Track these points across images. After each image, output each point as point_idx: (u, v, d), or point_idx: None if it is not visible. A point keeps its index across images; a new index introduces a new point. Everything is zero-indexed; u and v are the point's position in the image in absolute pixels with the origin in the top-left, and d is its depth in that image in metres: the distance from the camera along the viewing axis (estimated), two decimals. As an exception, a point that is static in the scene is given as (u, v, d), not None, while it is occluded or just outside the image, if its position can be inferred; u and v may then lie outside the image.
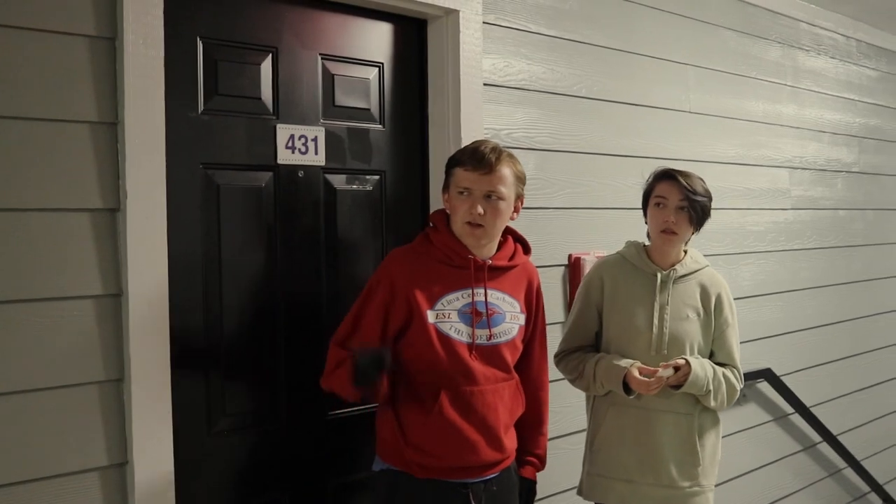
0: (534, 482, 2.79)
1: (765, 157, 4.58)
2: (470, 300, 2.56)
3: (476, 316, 2.55)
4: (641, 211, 3.01)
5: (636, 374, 2.80)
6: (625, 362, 2.85)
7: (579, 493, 3.07)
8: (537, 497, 2.87)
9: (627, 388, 2.84)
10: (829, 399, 5.08)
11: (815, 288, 4.98)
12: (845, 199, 5.26)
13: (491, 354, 2.57)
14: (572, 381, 3.05)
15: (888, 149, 5.69)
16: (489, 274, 2.59)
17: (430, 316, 2.50)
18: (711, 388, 2.87)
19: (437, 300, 2.52)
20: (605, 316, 3.02)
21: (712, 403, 2.92)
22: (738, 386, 2.98)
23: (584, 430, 3.12)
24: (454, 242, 2.58)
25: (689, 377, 2.81)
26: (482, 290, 2.57)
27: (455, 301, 2.55)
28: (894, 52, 5.79)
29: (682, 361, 2.82)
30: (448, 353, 2.50)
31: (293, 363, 2.80)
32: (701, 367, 2.85)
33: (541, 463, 2.80)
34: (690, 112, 4.09)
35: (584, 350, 3.05)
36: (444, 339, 2.51)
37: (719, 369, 2.93)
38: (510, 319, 2.63)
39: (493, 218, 2.54)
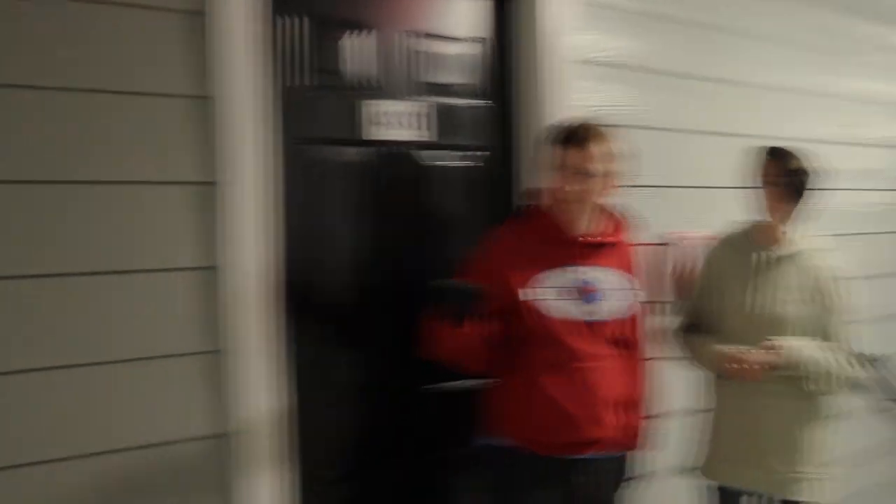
0: (627, 459, 2.75)
1: (869, 136, 4.44)
2: (570, 276, 2.54)
3: (579, 292, 2.54)
4: (741, 190, 2.96)
5: (729, 364, 2.76)
6: (723, 348, 2.81)
7: (692, 471, 3.05)
8: (646, 475, 2.84)
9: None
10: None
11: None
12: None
13: (595, 330, 2.56)
14: (688, 361, 3.03)
15: None
16: (589, 250, 2.57)
17: (530, 294, 2.50)
18: (820, 369, 2.79)
19: (538, 278, 2.51)
20: (714, 294, 2.98)
21: (819, 387, 2.84)
22: (850, 369, 2.88)
23: (697, 410, 3.10)
24: (552, 219, 2.56)
25: (786, 358, 2.75)
26: (582, 266, 2.56)
27: (556, 278, 2.53)
28: None
29: (777, 343, 2.76)
30: (551, 331, 2.50)
31: (393, 336, 2.81)
32: (806, 347, 2.78)
33: (636, 442, 2.76)
34: (789, 90, 3.99)
35: (699, 328, 3.02)
36: (547, 316, 2.50)
37: (828, 352, 2.85)
38: (613, 295, 2.60)
39: (587, 194, 2.52)
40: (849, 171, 4.31)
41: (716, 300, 2.96)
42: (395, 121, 2.81)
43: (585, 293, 2.54)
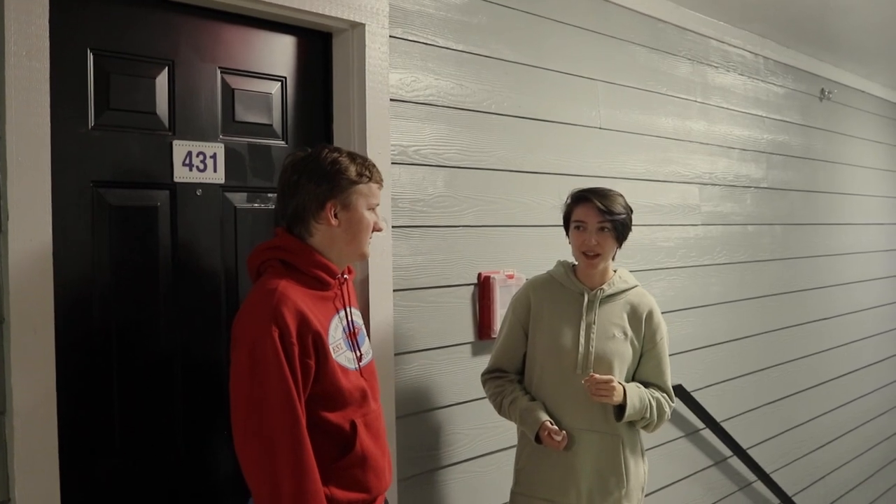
0: None
1: (675, 172, 4.59)
2: (344, 322, 2.44)
3: (352, 337, 2.43)
4: (553, 228, 2.99)
5: (546, 437, 2.80)
6: (538, 416, 2.84)
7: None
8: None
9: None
10: (739, 413, 5.11)
11: (725, 303, 5.00)
12: (754, 215, 5.31)
13: (370, 374, 2.47)
14: (494, 406, 3.02)
15: (795, 165, 5.77)
16: (345, 290, 2.47)
17: (332, 351, 2.32)
18: (648, 415, 2.86)
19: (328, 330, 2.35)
20: (531, 335, 2.99)
21: (644, 427, 2.93)
22: (668, 409, 2.94)
23: (511, 448, 3.09)
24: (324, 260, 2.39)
25: (627, 410, 2.79)
26: (349, 309, 2.46)
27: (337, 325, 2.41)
28: (801, 69, 5.88)
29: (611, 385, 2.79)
30: (350, 383, 2.36)
31: (191, 390, 2.67)
32: (638, 397, 2.85)
33: None
34: (600, 128, 4.07)
35: (509, 376, 3.04)
36: (344, 370, 2.35)
37: (654, 394, 2.91)
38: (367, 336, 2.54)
39: None
40: (661, 206, 4.46)
41: (538, 338, 2.97)
42: (199, 162, 2.68)
43: (355, 335, 2.45)
